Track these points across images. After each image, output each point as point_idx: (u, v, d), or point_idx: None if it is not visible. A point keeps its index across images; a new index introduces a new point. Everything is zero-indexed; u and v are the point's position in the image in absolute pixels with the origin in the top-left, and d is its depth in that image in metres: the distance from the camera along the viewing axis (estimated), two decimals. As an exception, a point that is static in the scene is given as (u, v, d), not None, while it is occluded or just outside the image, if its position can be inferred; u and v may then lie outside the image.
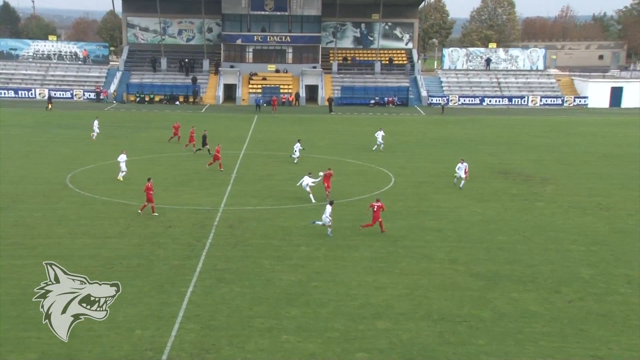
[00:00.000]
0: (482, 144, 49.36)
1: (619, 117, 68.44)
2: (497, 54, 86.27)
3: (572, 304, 19.34)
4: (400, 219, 28.20)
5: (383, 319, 18.29)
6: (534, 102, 78.36)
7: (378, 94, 77.19)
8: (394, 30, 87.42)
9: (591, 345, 16.79)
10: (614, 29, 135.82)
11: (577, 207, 30.63)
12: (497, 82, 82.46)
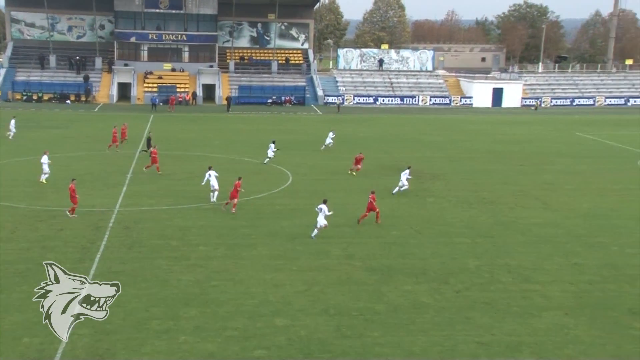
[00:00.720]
0: (376, 142, 50.46)
1: (500, 115, 71.97)
2: (389, 55, 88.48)
3: (459, 294, 20.15)
4: (298, 216, 28.35)
5: (281, 316, 18.33)
6: (424, 101, 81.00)
7: (275, 93, 77.26)
8: (290, 31, 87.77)
9: (476, 332, 17.57)
10: (494, 33, 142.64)
11: (464, 202, 31.92)
12: (389, 82, 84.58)
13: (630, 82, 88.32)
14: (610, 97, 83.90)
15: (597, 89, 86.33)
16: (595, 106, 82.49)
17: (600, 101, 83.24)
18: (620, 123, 64.97)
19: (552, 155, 45.63)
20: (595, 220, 28.83)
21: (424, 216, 29.04)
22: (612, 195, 33.48)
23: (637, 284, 21.02)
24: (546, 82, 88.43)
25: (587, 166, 41.66)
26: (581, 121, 66.65)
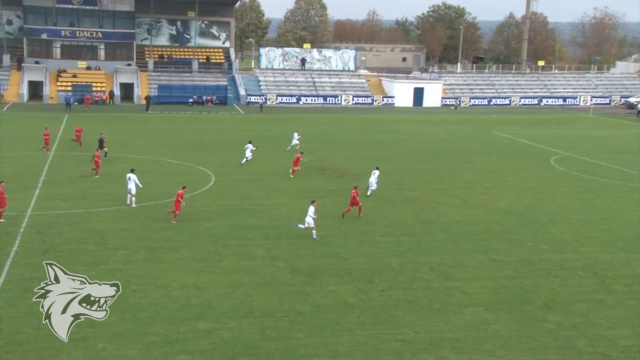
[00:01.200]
0: (303, 142, 50.55)
1: (421, 115, 73.63)
2: (311, 55, 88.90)
3: (383, 292, 20.46)
4: (221, 217, 28.06)
5: (205, 319, 18.09)
6: (346, 101, 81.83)
7: (196, 92, 76.22)
8: (211, 29, 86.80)
9: (400, 330, 17.90)
10: (414, 34, 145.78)
11: (387, 201, 32.44)
12: (312, 81, 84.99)
13: (542, 83, 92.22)
14: (524, 97, 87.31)
15: (513, 90, 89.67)
16: (511, 106, 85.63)
17: (516, 101, 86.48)
18: (535, 122, 67.75)
19: (471, 154, 47.04)
20: (512, 217, 29.92)
21: (348, 216, 29.31)
22: (528, 193, 34.83)
23: (551, 279, 21.96)
24: (465, 82, 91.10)
25: (504, 164, 43.17)
26: (498, 120, 69.07)
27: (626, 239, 26.63)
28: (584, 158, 45.68)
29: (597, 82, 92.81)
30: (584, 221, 29.37)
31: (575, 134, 59.03)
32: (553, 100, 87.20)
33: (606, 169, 41.76)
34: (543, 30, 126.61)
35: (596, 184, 37.28)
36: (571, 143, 52.89)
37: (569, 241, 26.26)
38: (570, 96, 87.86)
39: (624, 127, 65.04)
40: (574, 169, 41.80)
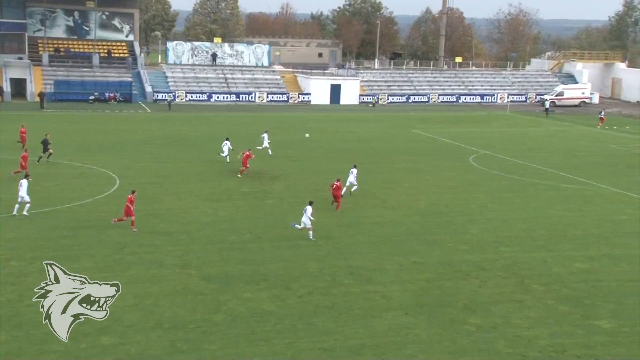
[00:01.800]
0: (212, 142, 50.04)
1: (339, 113, 74.41)
2: (222, 49, 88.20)
3: (301, 299, 20.55)
4: (126, 223, 27.38)
5: (109, 334, 17.61)
6: (261, 98, 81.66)
7: (98, 89, 74.09)
8: (113, 21, 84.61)
9: (319, 338, 18.03)
10: (330, 28, 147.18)
11: (304, 203, 32.47)
12: (224, 77, 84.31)
13: (460, 80, 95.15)
14: (443, 94, 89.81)
15: (431, 87, 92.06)
16: (429, 103, 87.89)
17: (434, 98, 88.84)
18: (453, 120, 69.82)
19: (390, 153, 47.94)
20: (432, 217, 30.71)
21: (264, 219, 29.27)
22: (448, 193, 35.84)
23: (471, 280, 22.69)
24: (383, 79, 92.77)
25: (424, 164, 44.25)
26: (417, 118, 70.74)
27: (543, 238, 27.85)
28: (502, 156, 47.45)
29: (514, 80, 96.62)
30: (502, 220, 30.50)
31: (493, 132, 61.22)
32: (471, 97, 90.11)
33: (523, 167, 43.54)
34: (460, 26, 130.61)
35: (514, 183, 38.80)
36: (489, 141, 54.83)
37: (488, 241, 27.20)
38: (488, 93, 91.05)
39: (540, 125, 68.03)
40: (493, 167, 43.34)
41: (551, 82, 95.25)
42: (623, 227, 29.68)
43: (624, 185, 38.26)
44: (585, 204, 33.98)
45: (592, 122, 69.53)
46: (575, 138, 58.73)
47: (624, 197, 35.53)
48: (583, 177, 40.33)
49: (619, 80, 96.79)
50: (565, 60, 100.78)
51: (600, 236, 28.25)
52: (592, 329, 19.04)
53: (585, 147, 53.25)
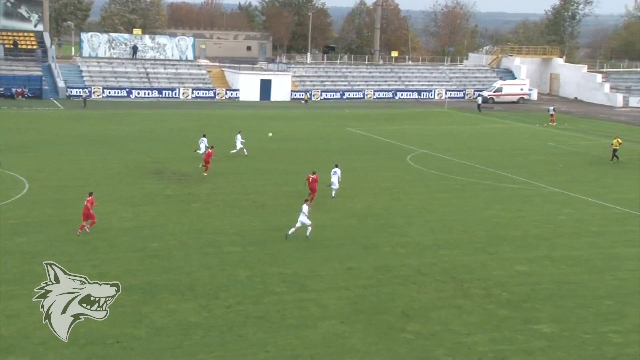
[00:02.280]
0: (132, 141, 49.24)
1: (269, 110, 74.30)
2: (143, 42, 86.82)
3: (230, 309, 20.42)
4: (37, 231, 26.64)
5: (17, 352, 17.11)
6: (185, 94, 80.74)
7: (3, 83, 71.78)
8: (19, 9, 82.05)
9: (250, 350, 17.96)
10: (259, 20, 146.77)
11: (233, 206, 32.42)
12: (145, 72, 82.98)
13: (396, 75, 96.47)
14: (379, 90, 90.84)
15: (366, 82, 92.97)
16: (365, 99, 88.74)
17: (370, 94, 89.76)
18: (390, 117, 70.70)
19: (324, 152, 48.17)
20: (369, 220, 31.02)
21: (189, 224, 28.96)
22: (384, 194, 36.27)
23: (410, 285, 23.03)
24: (316, 74, 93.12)
25: (359, 163, 44.64)
26: (352, 116, 71.33)
27: (482, 240, 28.52)
28: (440, 155, 48.35)
29: (451, 75, 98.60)
30: (441, 222, 31.07)
31: (430, 130, 62.33)
32: (408, 93, 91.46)
33: (462, 166, 44.47)
34: (395, 19, 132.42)
35: (452, 183, 39.59)
36: (427, 139, 55.79)
37: (426, 244, 27.67)
38: (425, 89, 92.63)
39: (479, 122, 69.66)
40: (431, 166, 44.12)
41: (489, 78, 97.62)
42: (562, 228, 30.69)
43: (562, 184, 39.57)
44: (525, 204, 34.97)
45: (531, 119, 71.67)
46: (515, 136, 60.38)
47: (563, 197, 36.74)
48: (522, 176, 41.50)
49: (557, 75, 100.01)
50: (503, 55, 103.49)
51: (539, 237, 29.12)
52: (532, 333, 19.60)
53: (524, 145, 54.81)
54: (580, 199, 36.33)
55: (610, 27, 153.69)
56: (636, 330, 19.91)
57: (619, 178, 42.31)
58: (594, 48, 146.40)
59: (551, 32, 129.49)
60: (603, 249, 27.75)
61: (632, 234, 29.98)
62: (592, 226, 31.13)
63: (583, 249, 27.68)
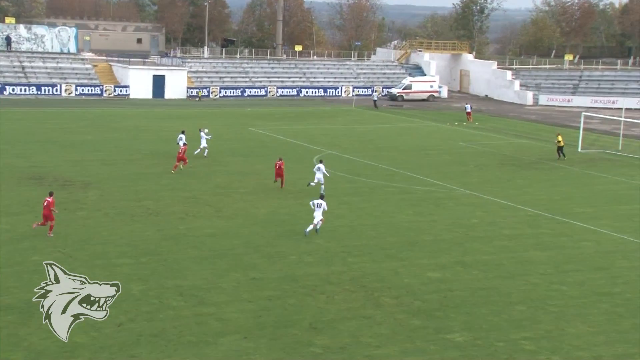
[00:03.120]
0: (9, 143, 47.62)
1: (163, 109, 73.30)
2: (17, 32, 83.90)
3: (122, 327, 19.98)
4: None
5: None
6: (68, 91, 78.62)
7: None
8: None
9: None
10: (151, 10, 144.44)
11: (124, 214, 31.77)
12: (20, 66, 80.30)
13: (301, 71, 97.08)
14: (282, 87, 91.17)
15: (269, 78, 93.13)
16: (267, 97, 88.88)
17: (273, 91, 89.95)
18: (295, 116, 71.08)
19: (224, 155, 47.93)
20: (274, 227, 31.05)
21: (75, 235, 28.19)
22: (289, 198, 36.41)
23: (317, 296, 23.20)
24: (214, 70, 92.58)
25: (263, 165, 44.61)
26: (254, 114, 71.27)
27: (394, 246, 29.06)
28: (348, 156, 48.96)
29: (359, 71, 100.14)
30: (350, 228, 31.46)
31: (338, 129, 63.04)
32: (313, 90, 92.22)
33: (372, 168, 45.20)
34: (299, 11, 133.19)
35: (362, 186, 40.17)
36: (334, 139, 56.40)
37: (335, 251, 27.94)
38: (332, 86, 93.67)
39: (389, 121, 71.02)
40: (339, 168, 44.59)
41: (398, 74, 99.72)
42: (474, 231, 31.66)
43: (474, 186, 40.84)
44: (437, 207, 35.88)
45: (442, 118, 73.66)
46: (425, 135, 61.88)
47: (474, 199, 37.92)
48: (433, 178, 42.56)
49: (467, 72, 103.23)
50: (412, 50, 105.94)
51: (452, 242, 29.94)
52: (444, 343, 20.11)
53: (435, 145, 56.25)
54: (492, 201, 37.59)
55: (519, 22, 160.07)
56: (548, 336, 20.76)
57: (530, 179, 44.04)
58: (503, 44, 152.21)
59: (460, 26, 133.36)
60: (515, 252, 28.79)
61: (543, 236, 31.25)
62: (504, 229, 32.26)
63: (495, 253, 28.63)
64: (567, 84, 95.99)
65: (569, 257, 28.26)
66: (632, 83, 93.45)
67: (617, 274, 26.43)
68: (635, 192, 40.76)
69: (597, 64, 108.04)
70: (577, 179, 44.35)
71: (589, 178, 44.84)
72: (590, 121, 65.98)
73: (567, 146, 52.31)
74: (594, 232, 32.12)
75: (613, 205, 37.76)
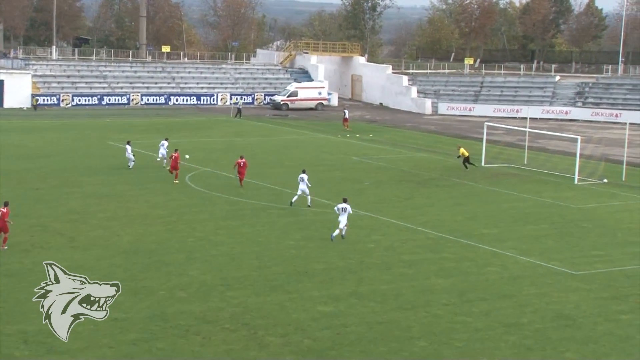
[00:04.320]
0: None
1: (2, 119, 70.87)
2: None
3: (-44, 384, 19.10)
4: None
5: None
6: None
7: None
8: None
9: None
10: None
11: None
12: None
13: (170, 76, 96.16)
14: (147, 94, 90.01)
15: (132, 84, 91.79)
16: (130, 106, 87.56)
17: (136, 99, 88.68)
18: (164, 128, 70.11)
19: (78, 174, 46.83)
20: (139, 257, 30.48)
21: None
22: (158, 224, 35.87)
23: (191, 337, 22.86)
24: (65, 73, 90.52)
25: (125, 186, 43.81)
26: (114, 126, 69.99)
27: (279, 277, 29.05)
28: (227, 174, 48.69)
29: (237, 76, 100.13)
30: (230, 257, 31.25)
31: (215, 143, 62.76)
32: (185, 98, 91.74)
33: (255, 187, 45.10)
34: (165, 5, 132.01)
35: (243, 207, 40.05)
36: (210, 154, 56.12)
37: (212, 285, 27.67)
38: (206, 93, 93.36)
39: (273, 133, 71.26)
40: (216, 188, 44.33)
41: (282, 80, 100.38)
42: (371, 258, 32.07)
43: (369, 206, 41.44)
44: (328, 231, 36.12)
45: (332, 129, 74.53)
46: (314, 149, 62.41)
47: (370, 221, 38.47)
48: (324, 197, 42.88)
49: (359, 77, 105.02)
50: (297, 52, 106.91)
51: (345, 270, 30.20)
52: (340, 387, 20.21)
53: (326, 160, 56.81)
54: (389, 222, 38.24)
55: (415, 22, 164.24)
56: (455, 374, 21.22)
57: (431, 197, 45.12)
58: (398, 45, 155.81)
59: (350, 25, 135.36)
60: (415, 281, 29.34)
61: (446, 262, 32.01)
62: (403, 254, 32.84)
63: (394, 282, 29.07)
64: (468, 91, 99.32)
65: (473, 285, 29.04)
66: (536, 90, 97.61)
67: (525, 302, 27.34)
68: (542, 210, 42.42)
69: (499, 68, 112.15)
70: (482, 197, 45.75)
71: (494, 195, 46.36)
72: (494, 132, 68.50)
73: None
74: (500, 255, 33.18)
75: (520, 225, 39.16)
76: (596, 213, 42.38)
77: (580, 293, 28.44)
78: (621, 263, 32.67)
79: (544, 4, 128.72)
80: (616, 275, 30.74)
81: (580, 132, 69.96)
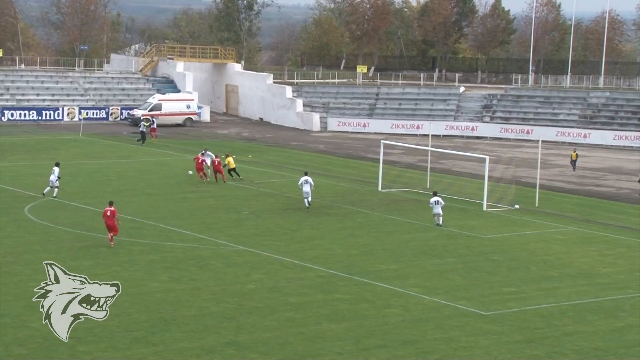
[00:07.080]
0: None
1: None
2: None
3: None
4: None
5: None
6: None
7: None
8: None
9: None
10: None
11: None
12: None
13: (3, 86, 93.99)
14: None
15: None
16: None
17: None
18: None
19: None
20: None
21: None
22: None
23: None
24: None
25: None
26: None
27: (142, 326, 28.77)
28: (76, 204, 47.94)
29: (87, 86, 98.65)
30: (80, 303, 30.71)
31: (60, 167, 61.45)
32: (22, 112, 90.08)
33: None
34: (10, 9, 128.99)
35: (96, 244, 39.56)
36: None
37: (58, 338, 27.00)
38: (49, 107, 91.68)
39: (132, 154, 70.47)
40: (62, 221, 43.59)
41: (142, 90, 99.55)
42: (251, 301, 32.05)
43: (249, 240, 41.48)
44: (200, 269, 36.00)
45: (203, 148, 74.05)
46: (182, 172, 61.80)
47: (250, 257, 38.47)
48: (195, 230, 42.73)
49: (234, 87, 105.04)
50: (160, 58, 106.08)
51: (221, 316, 30.09)
52: None
53: (196, 186, 56.46)
54: (273, 259, 38.33)
55: (299, 23, 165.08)
56: None
57: (321, 228, 45.48)
58: (280, 51, 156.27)
59: (223, 27, 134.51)
60: (304, 326, 29.47)
61: (339, 303, 32.26)
62: (290, 296, 32.96)
63: (279, 328, 29.12)
64: (362, 104, 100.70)
65: (371, 330, 29.36)
66: (438, 103, 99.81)
67: (430, 349, 27.83)
68: (448, 242, 43.32)
69: (396, 78, 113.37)
70: (379, 227, 46.35)
71: (393, 225, 47.05)
72: (391, 151, 69.50)
73: (365, 184, 54.57)
74: (401, 295, 33.69)
75: (422, 259, 39.87)
76: (507, 244, 43.52)
77: (491, 337, 29.12)
78: (536, 301, 33.63)
79: (445, 4, 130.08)
80: (530, 316, 31.62)
81: (488, 150, 72.01)
